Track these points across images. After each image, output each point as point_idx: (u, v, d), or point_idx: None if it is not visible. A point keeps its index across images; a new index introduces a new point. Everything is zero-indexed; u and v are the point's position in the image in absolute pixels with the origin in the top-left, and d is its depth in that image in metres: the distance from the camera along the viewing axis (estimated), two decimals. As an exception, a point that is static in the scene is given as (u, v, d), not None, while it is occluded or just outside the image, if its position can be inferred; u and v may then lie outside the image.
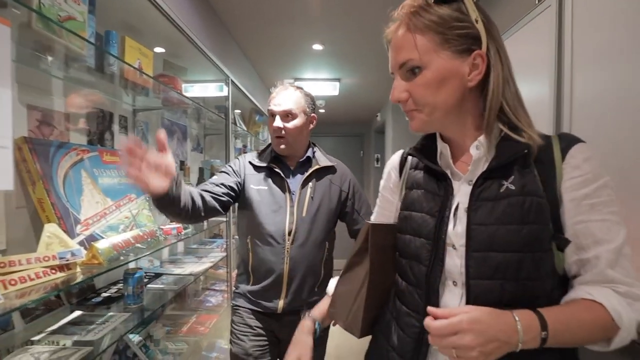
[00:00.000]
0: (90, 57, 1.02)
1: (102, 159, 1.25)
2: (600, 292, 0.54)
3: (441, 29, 0.57)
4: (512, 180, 0.57)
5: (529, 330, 0.50)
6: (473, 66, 0.58)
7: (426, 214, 0.65)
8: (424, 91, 0.60)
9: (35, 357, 0.85)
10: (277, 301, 1.22)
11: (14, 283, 0.75)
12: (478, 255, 0.57)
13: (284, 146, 1.23)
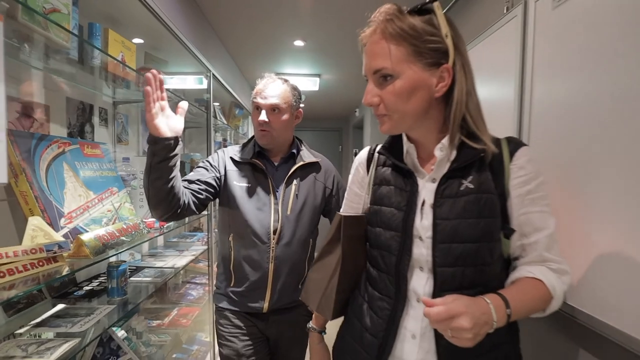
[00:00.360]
0: (73, 50, 1.01)
1: (84, 152, 1.24)
2: (539, 270, 0.65)
3: (415, 41, 0.62)
4: (470, 180, 0.66)
5: (499, 310, 0.58)
6: (440, 78, 0.64)
7: (395, 209, 0.71)
8: (395, 99, 0.64)
9: (23, 349, 0.85)
10: (262, 301, 1.18)
11: (2, 275, 0.75)
12: (443, 247, 0.65)
13: (267, 139, 1.18)
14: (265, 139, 1.18)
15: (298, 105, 1.24)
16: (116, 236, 1.12)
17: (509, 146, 0.67)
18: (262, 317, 1.20)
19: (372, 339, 0.72)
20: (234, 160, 1.21)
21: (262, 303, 1.18)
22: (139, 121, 1.78)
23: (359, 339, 0.76)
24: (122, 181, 1.42)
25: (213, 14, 2.09)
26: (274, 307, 1.19)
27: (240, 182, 1.18)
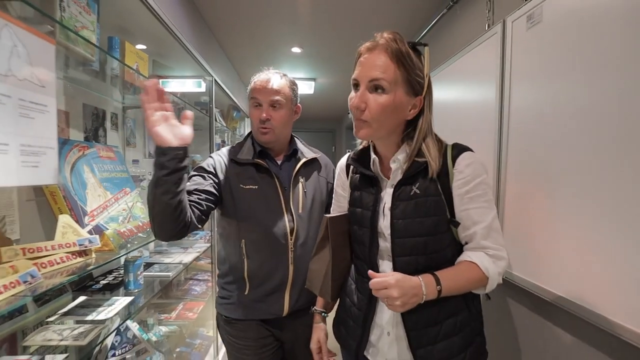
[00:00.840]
0: (96, 62, 1.10)
1: (100, 155, 1.33)
2: (476, 255, 0.78)
3: (410, 72, 0.75)
4: (417, 186, 0.78)
5: (429, 285, 0.73)
6: (413, 106, 0.78)
7: (364, 209, 0.86)
8: (380, 110, 0.75)
9: (58, 333, 0.95)
10: (282, 304, 1.12)
11: (44, 266, 0.85)
12: (399, 241, 0.79)
13: (269, 137, 1.12)
14: (267, 136, 1.11)
15: (297, 100, 1.19)
16: (134, 233, 1.22)
17: (452, 152, 0.79)
18: (279, 322, 1.14)
19: (358, 311, 0.88)
20: (235, 161, 1.13)
21: (282, 306, 1.12)
22: (144, 125, 1.86)
23: (349, 313, 0.92)
24: (133, 182, 1.51)
25: (216, 23, 2.19)
26: (293, 309, 1.13)
27: (246, 184, 1.10)
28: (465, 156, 0.78)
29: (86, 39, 0.93)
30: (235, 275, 1.14)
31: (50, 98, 0.70)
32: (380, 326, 0.85)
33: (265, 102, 1.10)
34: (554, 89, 0.92)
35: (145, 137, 1.86)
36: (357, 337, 0.88)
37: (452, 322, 0.80)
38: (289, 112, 1.15)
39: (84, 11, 0.99)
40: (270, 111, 1.10)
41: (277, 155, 1.19)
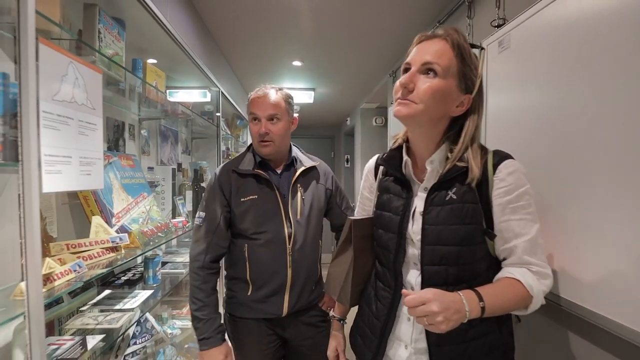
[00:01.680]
0: (123, 82, 1.25)
1: (121, 163, 1.48)
2: (519, 272, 0.71)
3: (465, 67, 0.71)
4: (454, 191, 0.73)
5: (471, 301, 0.65)
6: (461, 103, 0.73)
7: (393, 214, 0.81)
8: (430, 91, 0.70)
9: (94, 319, 1.09)
10: (282, 305, 1.19)
11: (85, 259, 0.99)
12: (429, 248, 0.74)
13: (270, 149, 1.18)
14: (268, 149, 1.18)
15: (293, 112, 1.26)
16: (154, 232, 1.37)
17: (494, 159, 0.73)
18: (280, 322, 1.22)
19: (376, 322, 0.83)
20: (237, 173, 1.19)
21: (282, 307, 1.19)
22: (157, 135, 2.02)
23: (367, 322, 0.88)
24: (149, 187, 1.65)
25: (221, 37, 2.36)
26: (292, 310, 1.20)
27: (246, 196, 1.17)
28: (508, 164, 0.73)
29: (120, 64, 1.09)
30: (239, 277, 1.22)
31: (99, 118, 0.85)
32: (399, 339, 0.81)
33: (263, 116, 1.16)
34: (520, 99, 1.09)
35: (158, 146, 2.01)
36: (374, 348, 0.83)
37: (481, 343, 0.74)
38: (286, 124, 1.20)
39: (115, 39, 1.14)
40: (269, 125, 1.16)
41: (277, 165, 1.25)
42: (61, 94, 0.71)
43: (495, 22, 1.21)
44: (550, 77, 0.95)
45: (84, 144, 0.79)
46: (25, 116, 0.61)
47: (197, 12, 2.11)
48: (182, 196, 2.02)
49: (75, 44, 0.98)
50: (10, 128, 0.66)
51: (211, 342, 1.14)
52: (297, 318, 1.23)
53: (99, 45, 1.04)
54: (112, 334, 1.05)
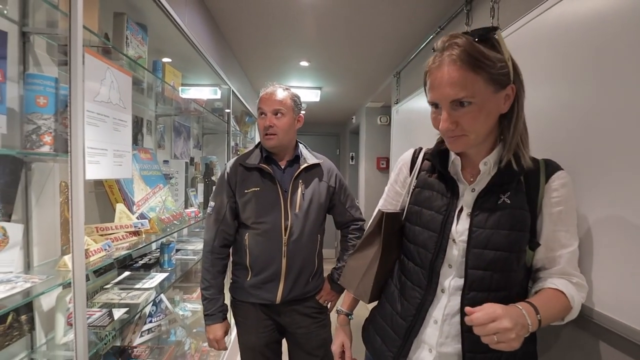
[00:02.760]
0: (144, 83, 1.37)
1: (140, 156, 1.60)
2: (561, 283, 0.71)
3: (491, 70, 0.65)
4: (508, 196, 0.71)
5: (531, 315, 0.63)
6: (506, 97, 0.69)
7: (435, 212, 0.77)
8: (472, 121, 0.67)
9: (117, 295, 1.22)
10: (276, 292, 1.26)
11: (113, 240, 1.12)
12: (476, 251, 0.71)
13: (273, 142, 1.25)
14: (272, 141, 1.26)
15: (299, 110, 1.33)
16: (170, 220, 1.49)
17: (547, 169, 0.72)
18: (275, 308, 1.30)
19: (402, 322, 0.80)
20: (244, 166, 1.29)
21: (276, 295, 1.26)
22: (172, 130, 2.14)
23: (390, 321, 0.84)
24: (165, 179, 1.78)
25: (233, 38, 2.48)
26: (286, 299, 1.27)
27: (249, 187, 1.26)
28: (561, 175, 0.72)
29: (143, 67, 1.21)
30: (241, 263, 1.32)
31: (128, 115, 0.97)
32: (424, 342, 0.78)
33: (269, 111, 1.25)
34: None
35: (172, 141, 2.14)
36: (396, 347, 0.81)
37: (513, 355, 0.71)
38: (291, 120, 1.28)
39: (140, 44, 1.26)
40: (274, 119, 1.25)
41: (281, 160, 1.33)
42: (100, 95, 0.83)
43: (488, 31, 1.29)
44: (538, 81, 1.04)
45: (117, 138, 0.91)
46: (74, 115, 0.73)
47: (212, 17, 2.23)
48: (194, 188, 2.15)
49: (104, 47, 1.10)
50: (60, 124, 0.79)
51: (213, 318, 1.28)
52: (292, 307, 1.30)
53: (126, 50, 1.16)
54: (133, 308, 1.17)
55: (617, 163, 0.77)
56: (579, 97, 0.87)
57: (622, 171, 0.76)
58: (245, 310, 1.33)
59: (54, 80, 0.78)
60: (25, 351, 0.88)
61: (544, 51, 1.00)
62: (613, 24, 0.79)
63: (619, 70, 0.77)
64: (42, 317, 0.93)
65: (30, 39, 0.84)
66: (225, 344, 1.32)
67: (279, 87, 1.30)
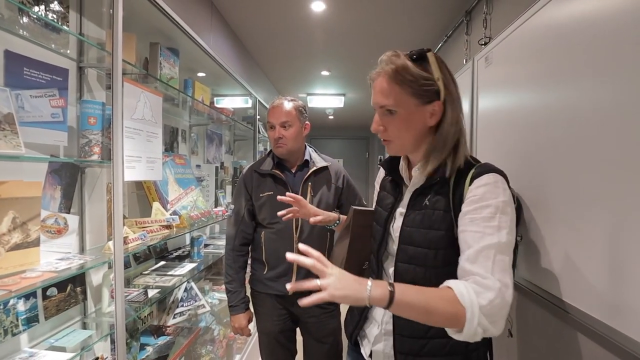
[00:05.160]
0: (178, 98, 1.60)
1: (175, 161, 1.84)
2: (455, 281, 0.66)
3: (414, 85, 0.73)
4: (429, 198, 0.78)
5: (378, 284, 0.62)
6: (432, 112, 0.76)
7: (383, 209, 0.89)
8: (396, 128, 0.77)
9: (153, 279, 1.44)
10: (288, 285, 1.47)
11: (149, 232, 1.34)
12: (403, 247, 0.80)
13: (283, 150, 1.37)
14: (282, 149, 1.38)
15: (305, 119, 1.43)
16: (199, 217, 1.71)
17: (474, 173, 0.75)
18: (288, 299, 1.41)
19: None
20: (258, 173, 1.42)
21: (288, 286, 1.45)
22: (204, 138, 2.39)
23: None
24: (197, 181, 2.01)
25: (258, 55, 2.70)
26: (297, 291, 1.46)
27: (264, 192, 1.39)
28: (484, 177, 0.73)
29: (174, 87, 1.43)
30: (258, 259, 1.44)
31: (159, 129, 1.19)
32: (374, 318, 0.89)
33: (277, 124, 1.37)
34: (501, 104, 1.25)
35: (205, 148, 2.39)
36: (354, 323, 0.94)
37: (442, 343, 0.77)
38: (297, 129, 1.38)
39: (172, 66, 1.49)
40: (282, 131, 1.36)
41: (292, 165, 1.44)
42: (136, 114, 1.05)
43: (482, 41, 1.37)
44: (523, 86, 1.12)
45: (149, 148, 1.12)
46: (116, 130, 0.94)
47: (235, 35, 2.47)
48: (223, 190, 2.38)
49: (144, 74, 1.33)
50: (105, 138, 1.01)
51: (237, 309, 1.44)
52: (304, 297, 1.44)
53: (160, 74, 1.38)
54: (165, 290, 1.39)
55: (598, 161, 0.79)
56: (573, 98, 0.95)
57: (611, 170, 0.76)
58: (262, 300, 1.46)
59: (101, 104, 1.00)
60: (79, 315, 1.11)
61: (532, 56, 1.08)
62: (599, 26, 0.86)
63: (609, 71, 0.81)
64: (92, 290, 1.17)
65: (85, 71, 1.08)
66: (249, 331, 1.47)
67: (284, 99, 1.40)
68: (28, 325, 0.92)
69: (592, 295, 0.80)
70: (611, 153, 0.76)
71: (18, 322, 0.89)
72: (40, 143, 0.92)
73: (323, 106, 3.72)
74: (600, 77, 0.79)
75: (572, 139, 0.89)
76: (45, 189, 0.98)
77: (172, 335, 1.57)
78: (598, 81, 0.80)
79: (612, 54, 0.76)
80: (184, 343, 1.57)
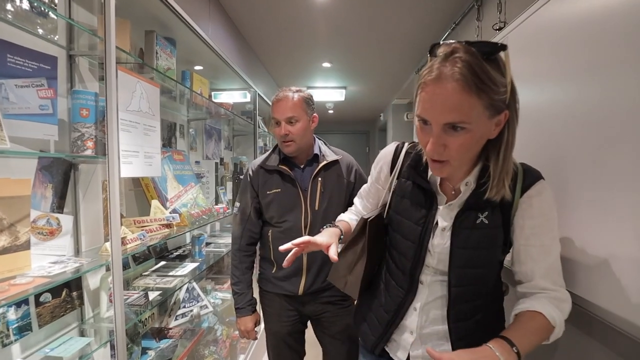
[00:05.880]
0: (175, 90, 1.53)
1: (174, 157, 1.77)
2: (539, 302, 0.67)
3: (493, 95, 0.59)
4: (485, 215, 0.71)
5: (504, 350, 0.60)
6: (497, 122, 0.63)
7: (414, 223, 0.78)
8: (461, 147, 0.63)
9: (154, 280, 1.38)
10: (298, 285, 1.33)
11: (148, 231, 1.27)
12: (458, 271, 0.73)
13: (292, 148, 1.29)
14: (290, 148, 1.29)
15: (312, 111, 1.34)
16: (200, 215, 1.64)
17: (524, 181, 0.70)
18: (298, 299, 1.36)
19: (385, 314, 0.85)
20: (264, 169, 1.35)
21: (298, 287, 1.33)
22: (203, 133, 2.32)
23: (375, 311, 0.89)
24: (196, 178, 1.94)
25: (258, 47, 2.62)
26: (308, 291, 1.33)
27: (272, 189, 1.32)
28: (537, 187, 0.70)
29: (172, 77, 1.35)
30: (266, 257, 1.40)
31: (157, 122, 1.12)
32: (405, 327, 0.83)
33: (282, 120, 1.28)
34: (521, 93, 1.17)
35: (204, 143, 2.32)
36: (378, 335, 0.87)
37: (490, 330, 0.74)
38: (304, 124, 1.30)
39: (169, 57, 1.41)
40: (288, 127, 1.27)
41: (300, 160, 1.36)
42: (132, 106, 0.97)
43: (497, 26, 1.30)
44: (542, 75, 1.05)
45: (147, 142, 1.05)
46: (110, 123, 0.87)
47: (234, 26, 2.38)
48: (224, 186, 2.31)
49: (139, 64, 1.26)
50: (99, 131, 0.93)
51: (243, 311, 1.38)
52: (314, 297, 1.36)
53: (156, 64, 1.31)
54: (166, 292, 1.32)
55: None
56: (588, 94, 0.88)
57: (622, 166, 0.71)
58: (271, 299, 1.41)
59: (94, 94, 0.93)
60: (76, 322, 1.05)
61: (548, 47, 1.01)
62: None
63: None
64: (89, 294, 1.10)
65: (76, 60, 1.00)
66: (255, 334, 1.42)
67: (289, 91, 1.31)
68: (20, 335, 0.86)
69: (616, 293, 0.73)
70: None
71: (9, 331, 0.83)
72: (28, 137, 0.85)
73: (324, 99, 3.65)
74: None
75: (598, 136, 0.81)
76: (35, 187, 0.91)
77: (174, 337, 1.51)
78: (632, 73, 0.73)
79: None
80: (187, 345, 1.51)
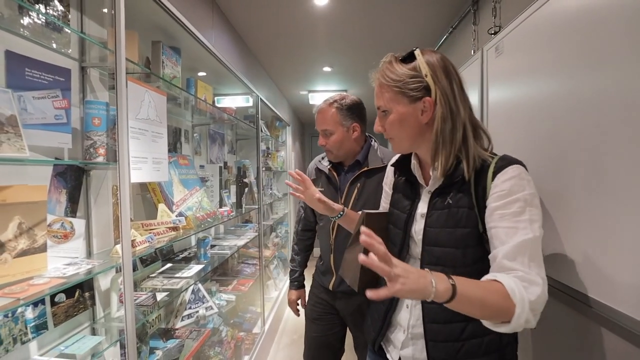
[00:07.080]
0: (180, 97, 1.58)
1: (179, 162, 1.82)
2: (502, 275, 0.65)
3: (399, 85, 0.77)
4: (451, 197, 0.78)
5: (440, 278, 0.60)
6: (423, 109, 0.77)
7: (401, 212, 0.88)
8: (391, 127, 0.82)
9: (161, 282, 1.42)
10: (329, 281, 1.45)
11: (156, 234, 1.32)
12: (428, 249, 0.79)
13: (331, 157, 1.43)
14: (330, 156, 1.44)
15: (351, 121, 1.36)
16: (205, 218, 1.69)
17: (495, 166, 0.73)
18: (331, 293, 1.47)
19: (381, 305, 0.92)
20: (318, 169, 1.50)
21: (329, 283, 1.46)
22: (207, 137, 2.37)
23: (375, 306, 0.97)
24: (201, 182, 1.98)
25: (259, 52, 2.67)
26: (338, 289, 1.43)
27: (319, 187, 1.41)
28: (508, 171, 0.72)
29: (177, 86, 1.40)
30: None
31: (164, 129, 1.16)
32: (399, 324, 0.88)
33: (320, 131, 1.40)
34: (511, 94, 1.22)
35: (208, 148, 2.36)
36: (377, 329, 0.92)
37: (477, 343, 0.77)
38: (340, 135, 1.35)
39: (174, 65, 1.46)
40: (325, 139, 1.38)
41: (346, 165, 1.44)
42: (141, 114, 1.02)
43: (492, 30, 1.34)
44: (536, 76, 1.09)
45: (155, 148, 1.10)
46: (121, 130, 0.91)
47: (237, 33, 2.43)
48: (228, 190, 2.35)
49: (146, 74, 1.30)
50: (110, 139, 0.98)
51: (291, 285, 1.64)
52: (346, 296, 1.43)
53: (163, 73, 1.36)
54: (173, 293, 1.36)
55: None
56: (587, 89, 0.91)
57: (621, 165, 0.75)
58: (315, 286, 1.58)
59: (105, 104, 0.97)
60: (88, 321, 1.09)
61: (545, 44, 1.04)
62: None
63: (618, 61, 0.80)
64: (100, 295, 1.14)
65: (87, 71, 1.05)
66: (296, 308, 1.65)
67: (323, 104, 1.38)
68: (37, 333, 0.90)
69: (619, 289, 0.77)
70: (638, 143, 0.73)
71: (27, 329, 0.87)
72: (44, 145, 0.89)
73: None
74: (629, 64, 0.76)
75: (594, 130, 0.86)
76: (51, 193, 0.95)
77: (181, 338, 1.55)
78: (626, 68, 0.77)
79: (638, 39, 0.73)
80: (193, 346, 1.55)
